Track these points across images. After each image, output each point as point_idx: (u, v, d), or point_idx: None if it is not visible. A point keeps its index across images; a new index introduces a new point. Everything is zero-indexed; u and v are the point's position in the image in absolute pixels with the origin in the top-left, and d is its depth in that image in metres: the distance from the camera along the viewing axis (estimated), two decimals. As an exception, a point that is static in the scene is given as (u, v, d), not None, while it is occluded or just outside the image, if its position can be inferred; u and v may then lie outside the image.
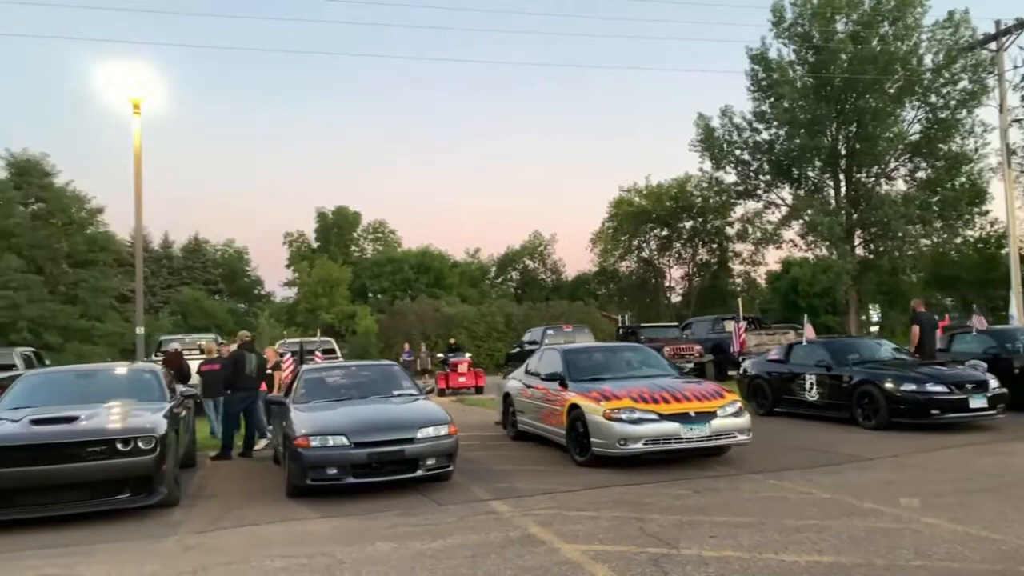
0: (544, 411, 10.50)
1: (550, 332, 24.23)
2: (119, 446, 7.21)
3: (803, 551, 5.43)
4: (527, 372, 11.75)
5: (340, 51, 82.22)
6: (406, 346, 29.59)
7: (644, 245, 51.22)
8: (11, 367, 16.66)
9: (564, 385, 9.91)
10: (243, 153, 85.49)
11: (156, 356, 18.53)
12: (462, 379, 23.04)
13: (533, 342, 23.78)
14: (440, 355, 26.91)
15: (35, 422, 7.49)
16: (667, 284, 52.61)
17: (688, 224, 49.01)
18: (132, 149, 17.32)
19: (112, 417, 7.87)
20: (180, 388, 10.25)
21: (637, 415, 8.66)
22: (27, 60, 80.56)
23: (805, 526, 6.10)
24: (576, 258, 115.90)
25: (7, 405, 8.41)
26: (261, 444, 11.75)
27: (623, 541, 5.82)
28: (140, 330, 17.72)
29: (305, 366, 11.69)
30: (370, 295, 51.12)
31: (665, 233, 49.88)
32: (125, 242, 42.79)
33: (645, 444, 8.59)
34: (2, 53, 79.89)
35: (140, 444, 7.26)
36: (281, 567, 5.54)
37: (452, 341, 29.28)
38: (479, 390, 22.76)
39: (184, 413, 9.52)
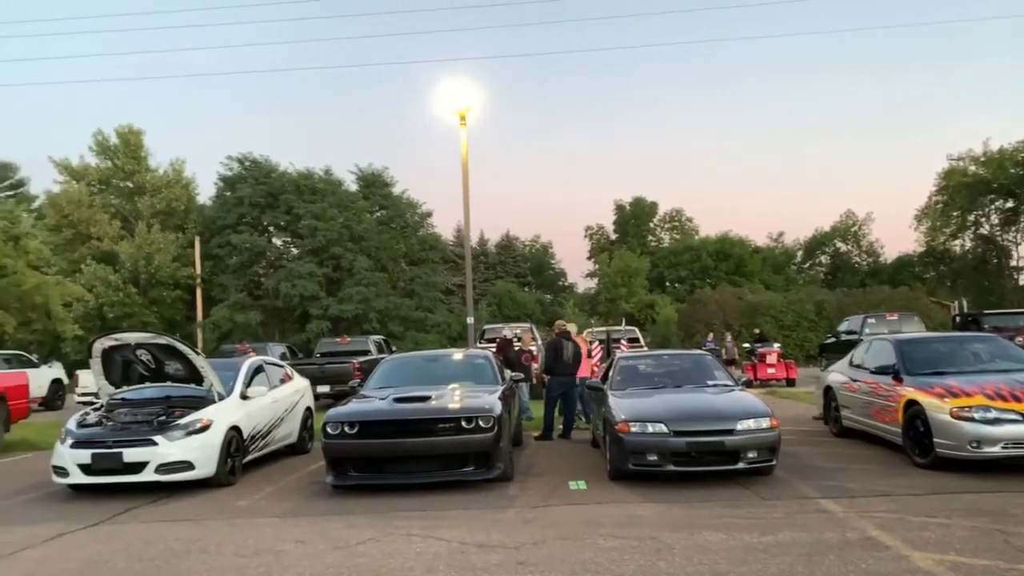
0: (874, 407, 9.72)
1: (871, 321, 22.26)
2: (463, 424, 8.07)
3: None
4: (851, 364, 10.96)
5: (634, 45, 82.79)
6: (709, 335, 29.00)
7: (983, 220, 44.85)
8: (366, 352, 19.67)
9: (899, 379, 9.06)
10: (546, 153, 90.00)
11: (480, 343, 20.35)
12: (771, 370, 22.12)
13: (851, 332, 22.10)
14: (746, 345, 26.06)
15: (397, 400, 8.66)
16: (1013, 264, 45.49)
17: (1041, 193, 41.88)
18: (459, 158, 18.98)
19: (456, 398, 8.82)
20: (508, 373, 11.17)
21: (994, 414, 7.65)
22: (371, 86, 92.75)
23: None
24: (897, 238, 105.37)
25: (374, 385, 9.88)
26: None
27: (986, 554, 5.20)
28: (470, 320, 19.67)
29: (620, 353, 12.06)
30: (668, 284, 51.08)
31: (1010, 205, 43.09)
32: (449, 242, 47.60)
33: (1004, 448, 7.58)
34: (349, 82, 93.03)
35: (480, 423, 8.06)
36: (612, 547, 5.77)
37: (757, 331, 28.15)
38: (791, 382, 21.68)
39: (513, 396, 10.38)
